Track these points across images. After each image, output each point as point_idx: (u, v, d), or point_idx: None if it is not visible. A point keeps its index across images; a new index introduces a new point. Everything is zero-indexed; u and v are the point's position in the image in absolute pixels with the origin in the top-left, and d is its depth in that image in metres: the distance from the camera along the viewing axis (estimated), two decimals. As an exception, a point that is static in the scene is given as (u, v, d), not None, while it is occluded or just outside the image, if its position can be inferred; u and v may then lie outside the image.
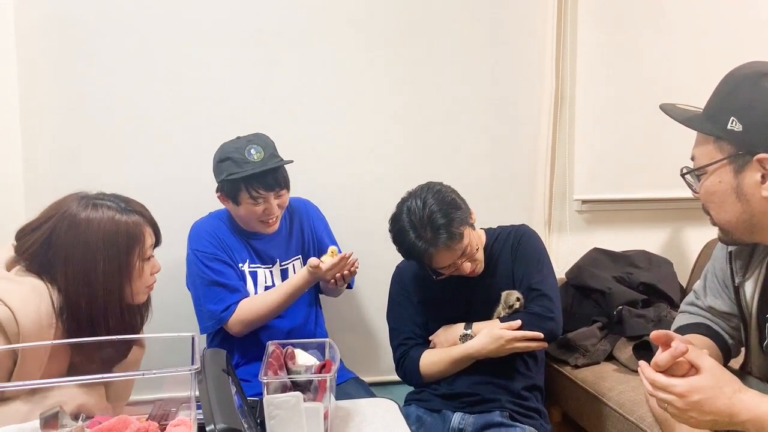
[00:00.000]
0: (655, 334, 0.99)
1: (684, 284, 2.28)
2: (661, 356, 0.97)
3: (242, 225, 1.85)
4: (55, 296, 1.16)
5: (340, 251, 1.79)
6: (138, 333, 1.28)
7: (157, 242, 1.32)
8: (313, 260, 1.72)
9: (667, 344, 0.98)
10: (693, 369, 0.98)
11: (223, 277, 1.78)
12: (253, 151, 1.72)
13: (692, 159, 1.13)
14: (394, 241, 1.66)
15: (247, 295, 1.81)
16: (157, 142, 2.12)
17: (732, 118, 1.03)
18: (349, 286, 2.02)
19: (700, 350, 1.00)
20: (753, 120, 1.02)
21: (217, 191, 1.81)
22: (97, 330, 1.18)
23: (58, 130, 2.06)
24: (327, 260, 1.73)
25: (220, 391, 0.95)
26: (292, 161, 1.81)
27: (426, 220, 1.57)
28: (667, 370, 0.98)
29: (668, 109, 1.15)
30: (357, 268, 1.80)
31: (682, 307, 1.39)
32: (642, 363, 1.02)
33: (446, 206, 1.59)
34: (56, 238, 1.18)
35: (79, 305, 1.17)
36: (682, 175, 1.14)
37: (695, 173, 1.11)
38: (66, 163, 2.07)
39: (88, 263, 1.18)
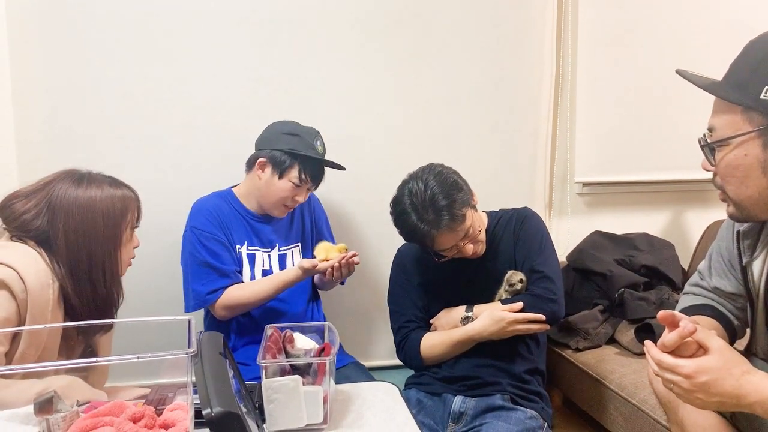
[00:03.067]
0: (662, 314, 0.96)
1: (686, 267, 2.26)
2: (668, 336, 0.95)
3: (259, 200, 1.83)
4: (48, 258, 1.25)
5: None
6: (117, 308, 1.35)
7: (138, 219, 1.41)
8: (305, 262, 1.73)
9: (673, 324, 0.95)
10: (701, 350, 0.96)
11: (216, 259, 1.76)
12: (318, 144, 1.81)
13: (710, 130, 1.06)
14: (396, 224, 1.63)
15: (237, 281, 1.79)
16: (151, 126, 2.09)
17: (767, 87, 0.97)
18: (341, 283, 2.01)
19: (708, 330, 0.98)
20: None
21: (262, 157, 1.78)
22: (96, 285, 1.29)
23: (52, 112, 2.03)
24: (332, 254, 1.73)
25: (217, 374, 0.93)
26: (344, 168, 1.86)
27: (428, 202, 1.55)
28: (674, 351, 0.96)
29: (687, 75, 1.08)
30: (357, 263, 1.79)
31: (687, 288, 1.36)
32: (648, 343, 1.00)
33: (448, 187, 1.56)
34: (55, 203, 1.27)
35: (80, 261, 1.27)
36: (702, 147, 1.07)
37: (716, 145, 1.04)
38: (59, 145, 2.04)
39: (88, 223, 1.28)
